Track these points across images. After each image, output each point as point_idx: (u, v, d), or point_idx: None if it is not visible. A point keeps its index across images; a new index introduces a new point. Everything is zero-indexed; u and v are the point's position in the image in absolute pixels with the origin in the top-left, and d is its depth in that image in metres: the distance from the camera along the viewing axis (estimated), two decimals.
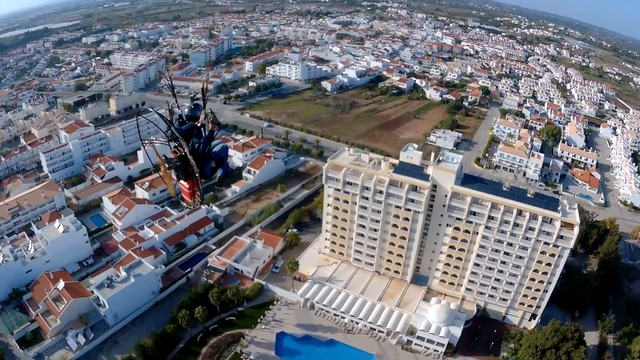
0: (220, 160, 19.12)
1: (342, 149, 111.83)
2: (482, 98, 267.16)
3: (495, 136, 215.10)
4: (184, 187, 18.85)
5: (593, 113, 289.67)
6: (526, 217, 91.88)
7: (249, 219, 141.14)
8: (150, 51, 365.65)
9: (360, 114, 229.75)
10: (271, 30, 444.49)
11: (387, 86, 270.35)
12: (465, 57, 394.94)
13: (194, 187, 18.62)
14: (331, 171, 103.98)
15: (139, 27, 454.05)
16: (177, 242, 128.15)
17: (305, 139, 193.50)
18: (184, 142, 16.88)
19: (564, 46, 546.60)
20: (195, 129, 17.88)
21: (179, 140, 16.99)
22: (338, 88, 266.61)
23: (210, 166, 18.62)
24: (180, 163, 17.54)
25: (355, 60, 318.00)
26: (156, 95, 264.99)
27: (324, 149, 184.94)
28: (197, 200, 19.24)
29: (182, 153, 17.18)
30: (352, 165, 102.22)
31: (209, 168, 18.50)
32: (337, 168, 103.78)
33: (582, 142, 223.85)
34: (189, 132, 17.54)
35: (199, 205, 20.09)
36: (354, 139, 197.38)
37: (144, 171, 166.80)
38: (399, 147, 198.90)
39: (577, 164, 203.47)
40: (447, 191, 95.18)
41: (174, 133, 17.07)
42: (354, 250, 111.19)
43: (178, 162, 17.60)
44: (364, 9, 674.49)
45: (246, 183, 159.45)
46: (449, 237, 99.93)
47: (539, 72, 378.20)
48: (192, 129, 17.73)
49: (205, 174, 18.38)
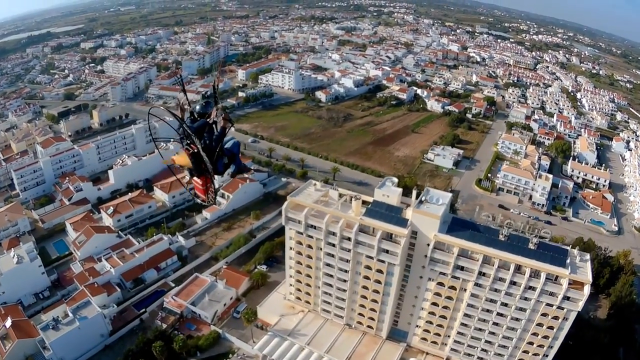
0: (233, 156, 18.12)
1: (308, 182, 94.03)
2: (487, 109, 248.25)
3: (499, 153, 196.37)
4: (197, 183, 18.15)
5: (605, 125, 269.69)
6: (526, 275, 73.78)
7: (215, 252, 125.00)
8: (145, 58, 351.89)
9: (354, 128, 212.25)
10: (272, 36, 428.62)
11: (385, 96, 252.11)
12: (472, 64, 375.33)
13: (207, 183, 17.98)
14: (291, 211, 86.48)
15: (138, 33, 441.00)
16: (135, 277, 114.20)
17: (290, 156, 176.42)
18: (197, 139, 16.17)
19: (573, 53, 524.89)
20: (207, 126, 16.93)
21: (191, 137, 16.28)
22: (333, 99, 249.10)
23: (222, 162, 17.68)
24: (193, 160, 16.86)
25: (354, 69, 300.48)
26: (142, 105, 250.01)
27: (309, 168, 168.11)
28: (211, 197, 18.55)
29: (195, 150, 16.52)
30: (316, 205, 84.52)
31: (221, 164, 17.63)
32: (298, 207, 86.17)
33: (593, 159, 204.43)
34: (201, 129, 16.66)
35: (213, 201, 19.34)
36: (344, 156, 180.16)
37: (115, 192, 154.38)
38: (393, 167, 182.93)
39: (589, 184, 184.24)
40: (429, 240, 77.26)
41: (186, 130, 16.32)
42: (322, 300, 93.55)
43: (191, 159, 16.85)
44: (370, 14, 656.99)
45: (218, 209, 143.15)
46: (431, 293, 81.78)
47: (548, 81, 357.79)
48: (204, 125, 16.83)
49: (218, 170, 17.47)
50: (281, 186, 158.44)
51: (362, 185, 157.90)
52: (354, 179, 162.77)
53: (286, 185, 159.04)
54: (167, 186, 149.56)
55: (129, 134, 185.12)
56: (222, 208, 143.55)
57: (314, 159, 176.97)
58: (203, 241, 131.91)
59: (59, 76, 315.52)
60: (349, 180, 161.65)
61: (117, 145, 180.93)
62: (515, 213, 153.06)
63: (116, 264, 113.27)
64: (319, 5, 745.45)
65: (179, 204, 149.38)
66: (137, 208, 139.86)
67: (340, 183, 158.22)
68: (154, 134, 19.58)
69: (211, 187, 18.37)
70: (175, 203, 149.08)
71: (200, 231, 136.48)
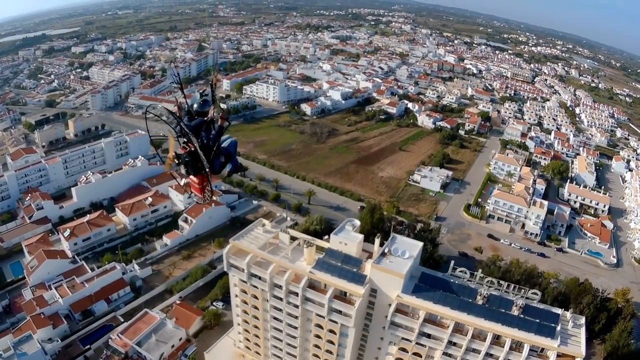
0: (229, 155, 18.03)
1: (257, 221, 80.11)
2: (482, 126, 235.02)
3: (492, 174, 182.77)
4: (193, 182, 17.84)
5: (604, 142, 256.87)
6: (506, 347, 60.12)
7: (170, 284, 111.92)
8: (132, 64, 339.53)
9: (337, 144, 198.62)
10: (264, 44, 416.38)
11: (374, 110, 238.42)
12: (468, 76, 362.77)
13: (203, 182, 17.73)
14: (233, 257, 72.94)
15: (129, 38, 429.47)
16: (84, 308, 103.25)
17: (265, 176, 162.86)
18: (194, 138, 16.05)
19: (572, 65, 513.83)
20: (205, 125, 16.85)
21: (189, 135, 16.10)
22: (319, 112, 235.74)
23: (219, 161, 17.59)
24: (190, 159, 16.67)
25: (344, 80, 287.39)
26: (122, 116, 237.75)
27: (284, 190, 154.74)
28: (208, 195, 18.41)
29: (192, 149, 16.34)
30: (261, 253, 70.67)
31: (218, 163, 17.51)
32: (241, 253, 72.67)
33: (592, 181, 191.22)
34: (198, 128, 16.53)
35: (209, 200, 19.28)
36: (323, 176, 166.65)
37: (78, 211, 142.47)
38: (375, 189, 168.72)
39: (587, 209, 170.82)
40: (391, 300, 63.64)
41: (184, 129, 16.15)
42: (272, 353, 79.50)
43: (187, 157, 16.67)
44: (368, 23, 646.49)
45: (179, 234, 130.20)
46: (392, 357, 67.79)
47: (546, 94, 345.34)
48: (202, 124, 16.71)
49: (214, 169, 17.40)
50: (251, 210, 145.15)
51: (338, 211, 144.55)
52: (330, 203, 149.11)
53: (257, 208, 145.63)
54: (128, 208, 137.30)
55: (98, 147, 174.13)
56: (183, 234, 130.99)
57: (290, 179, 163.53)
58: (160, 270, 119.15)
59: (44, 81, 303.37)
60: (325, 204, 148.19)
61: (87, 160, 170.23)
62: (506, 244, 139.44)
63: (65, 294, 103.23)
64: (316, 13, 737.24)
65: (141, 227, 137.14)
66: (95, 231, 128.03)
67: (315, 208, 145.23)
68: None
69: (208, 185, 18.06)
70: (137, 226, 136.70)
71: (159, 259, 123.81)
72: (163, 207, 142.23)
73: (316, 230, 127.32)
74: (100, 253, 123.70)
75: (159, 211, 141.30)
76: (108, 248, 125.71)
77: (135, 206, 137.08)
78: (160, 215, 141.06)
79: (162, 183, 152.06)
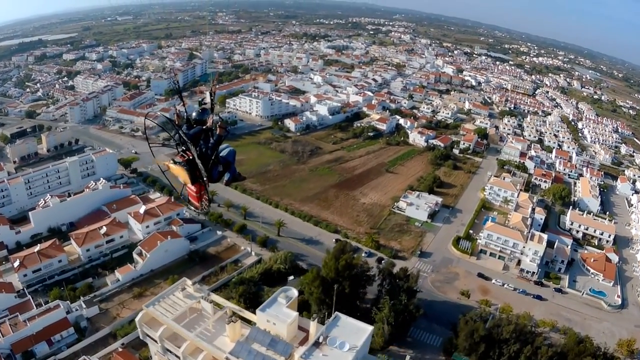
0: (228, 164, 17.98)
1: (180, 281, 64.31)
2: (478, 144, 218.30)
3: (487, 200, 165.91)
4: (191, 191, 17.70)
5: (609, 160, 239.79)
6: None
7: (115, 327, 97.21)
8: (120, 74, 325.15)
9: (319, 165, 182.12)
10: (257, 53, 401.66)
11: (363, 127, 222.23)
12: (466, 89, 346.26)
13: (201, 191, 17.51)
14: (146, 326, 57.10)
15: (121, 45, 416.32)
16: (25, 349, 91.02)
17: (235, 202, 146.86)
18: (192, 146, 15.99)
19: (574, 76, 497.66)
20: (203, 133, 16.72)
21: (187, 144, 16.06)
22: (303, 128, 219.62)
23: (217, 170, 17.42)
24: (188, 167, 16.52)
25: (334, 93, 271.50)
26: (99, 129, 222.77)
27: (253, 219, 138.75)
28: (205, 204, 18.19)
29: (190, 157, 16.29)
30: (175, 326, 54.37)
31: (216, 172, 17.35)
32: (154, 323, 56.74)
33: (596, 206, 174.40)
34: (197, 136, 16.43)
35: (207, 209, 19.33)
36: (298, 202, 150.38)
37: (36, 236, 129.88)
38: (355, 218, 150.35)
39: (590, 239, 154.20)
40: None
41: (182, 137, 16.07)
42: None
43: (185, 166, 16.53)
44: (367, 32, 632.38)
45: (132, 269, 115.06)
46: None
47: (548, 108, 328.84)
48: (200, 132, 16.59)
49: (212, 177, 17.22)
50: (214, 242, 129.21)
51: (311, 244, 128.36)
52: (303, 235, 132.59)
53: (220, 240, 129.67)
54: (81, 237, 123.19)
55: (62, 167, 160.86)
56: (137, 269, 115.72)
57: (262, 206, 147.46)
58: (108, 310, 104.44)
59: (30, 90, 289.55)
60: (297, 236, 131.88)
61: (51, 180, 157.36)
62: (498, 284, 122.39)
63: (7, 332, 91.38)
64: (316, 22, 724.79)
65: (95, 258, 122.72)
66: (45, 262, 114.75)
67: (284, 241, 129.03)
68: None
69: (205, 195, 17.70)
70: (91, 257, 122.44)
71: (108, 296, 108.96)
72: (119, 236, 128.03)
73: (280, 269, 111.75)
74: (50, 286, 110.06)
75: (115, 241, 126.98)
76: (59, 281, 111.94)
77: (88, 236, 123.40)
78: (116, 245, 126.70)
79: (123, 209, 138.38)
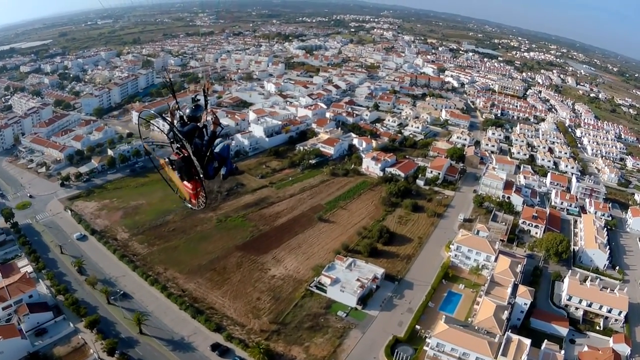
0: (223, 160, 17.31)
1: None
2: (451, 170, 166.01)
3: (452, 265, 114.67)
4: (187, 188, 17.40)
5: (615, 179, 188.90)
6: None
7: None
8: (64, 88, 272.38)
9: (233, 213, 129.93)
10: (216, 58, 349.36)
11: (304, 152, 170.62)
12: (446, 92, 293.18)
13: (197, 187, 17.25)
14: None
15: (79, 54, 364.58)
16: None
17: (106, 275, 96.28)
18: (187, 143, 15.72)
19: (568, 72, 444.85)
20: (197, 130, 16.43)
21: (182, 141, 15.81)
22: (232, 156, 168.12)
23: (213, 166, 16.98)
24: (183, 164, 16.34)
25: (283, 105, 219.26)
26: (10, 162, 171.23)
27: (120, 302, 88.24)
28: (202, 201, 17.79)
29: (185, 154, 15.99)
30: None
31: (211, 168, 16.94)
32: None
33: (604, 261, 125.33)
34: (191, 133, 16.14)
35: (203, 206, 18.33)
36: (185, 275, 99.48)
37: None
38: (253, 305, 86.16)
39: (593, 317, 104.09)
40: None
41: (177, 134, 15.86)
42: None
43: (181, 163, 16.35)
44: (348, 30, 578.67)
45: None
46: None
47: (540, 112, 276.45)
48: (194, 129, 16.32)
49: (208, 174, 16.82)
50: (63, 338, 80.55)
51: (179, 350, 79.33)
52: (172, 334, 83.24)
53: (71, 336, 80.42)
54: None
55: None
56: None
57: (137, 281, 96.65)
58: None
59: None
60: (163, 335, 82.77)
61: None
62: None
63: None
64: (298, 20, 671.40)
65: None
66: None
67: (146, 342, 78.82)
68: None
69: (201, 191, 17.26)
70: None
71: None
72: None
73: None
74: None
75: None
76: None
77: None
78: None
79: None
